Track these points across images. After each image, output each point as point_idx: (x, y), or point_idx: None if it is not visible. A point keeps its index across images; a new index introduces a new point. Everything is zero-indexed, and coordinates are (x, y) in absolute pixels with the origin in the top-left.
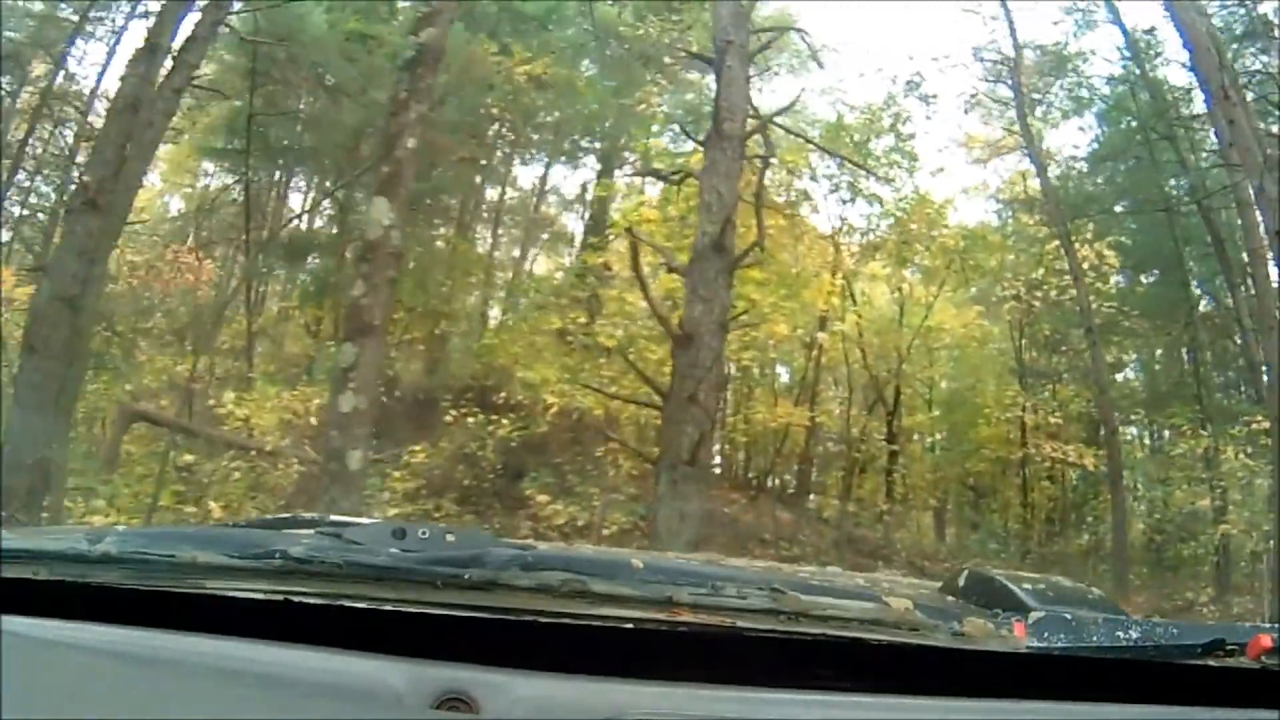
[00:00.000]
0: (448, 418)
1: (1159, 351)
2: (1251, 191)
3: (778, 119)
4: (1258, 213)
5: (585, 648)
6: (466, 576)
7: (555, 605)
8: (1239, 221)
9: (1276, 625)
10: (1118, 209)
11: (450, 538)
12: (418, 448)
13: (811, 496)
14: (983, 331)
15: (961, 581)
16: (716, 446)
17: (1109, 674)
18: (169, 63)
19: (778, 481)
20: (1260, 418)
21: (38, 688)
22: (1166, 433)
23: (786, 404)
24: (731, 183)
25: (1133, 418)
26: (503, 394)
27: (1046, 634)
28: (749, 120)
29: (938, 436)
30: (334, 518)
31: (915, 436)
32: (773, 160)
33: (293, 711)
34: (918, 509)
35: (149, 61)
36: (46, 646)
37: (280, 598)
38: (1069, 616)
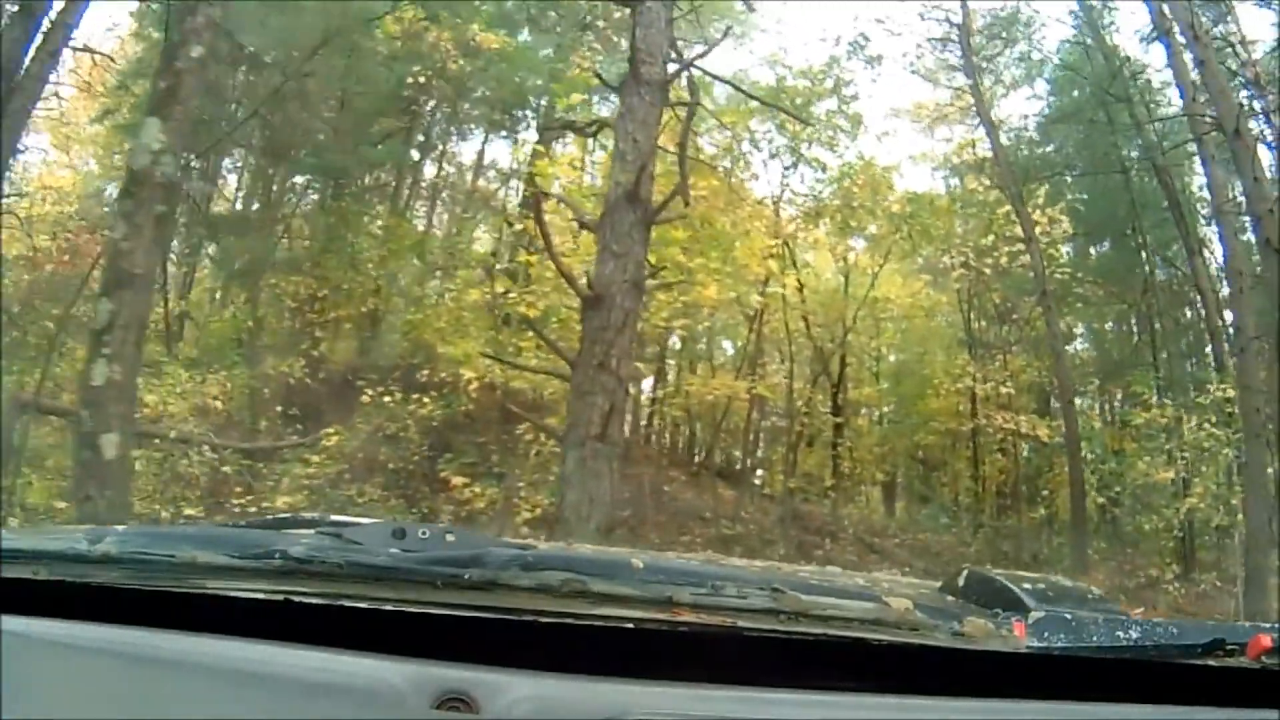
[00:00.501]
0: (365, 397)
1: (1109, 324)
2: (1226, 138)
3: (702, 63)
4: (1222, 170)
5: (585, 648)
6: (466, 576)
7: (555, 605)
8: (1204, 181)
9: (1276, 625)
10: (1070, 176)
11: (450, 538)
12: (332, 430)
13: (759, 473)
14: (931, 301)
15: (961, 581)
16: (655, 422)
17: (1109, 674)
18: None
19: (722, 458)
20: (1225, 386)
21: (38, 688)
22: (1122, 403)
23: (726, 376)
24: (649, 130)
25: (1086, 388)
26: (426, 371)
27: (1046, 634)
28: (671, 65)
29: (885, 410)
30: (334, 518)
31: (863, 411)
32: (700, 106)
33: (293, 711)
34: (866, 484)
35: (24, 24)
36: (46, 646)
37: (280, 598)
38: (1069, 616)
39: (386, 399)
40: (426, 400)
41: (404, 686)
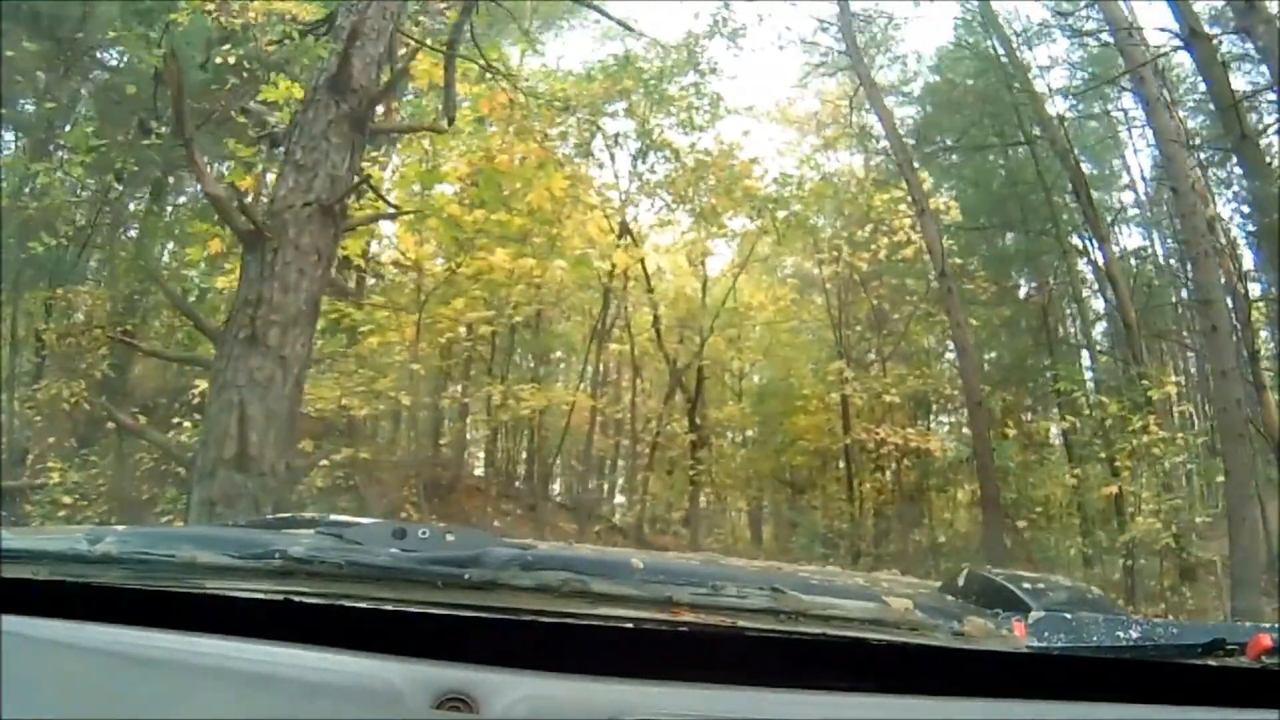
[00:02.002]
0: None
1: (1000, 324)
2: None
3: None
4: (1169, 114)
5: (586, 648)
6: (466, 576)
7: (555, 605)
8: (1130, 144)
9: (1277, 625)
10: (958, 156)
11: (450, 538)
12: (56, 464)
13: (619, 500)
14: (798, 307)
15: (961, 581)
16: (482, 452)
17: (1109, 674)
18: None
19: (561, 486)
20: (1165, 381)
21: (38, 688)
22: (1033, 408)
23: (559, 390)
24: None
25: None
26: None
27: (1046, 634)
28: None
29: (750, 433)
30: (334, 518)
31: (729, 435)
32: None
33: (293, 711)
34: (731, 509)
35: None
36: (46, 646)
37: (280, 598)
38: (1069, 616)
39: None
40: (189, 425)
41: (404, 686)
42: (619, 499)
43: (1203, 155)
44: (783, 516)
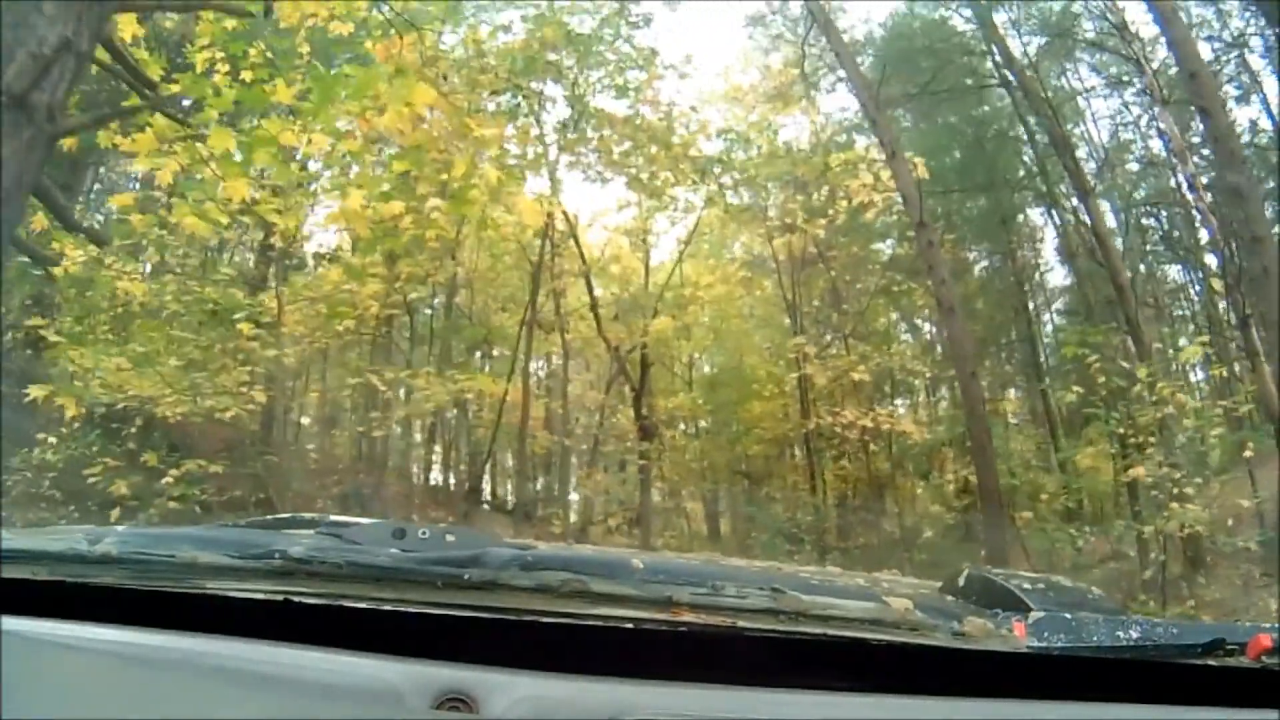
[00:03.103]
0: None
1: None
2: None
3: None
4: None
5: (585, 648)
6: (466, 576)
7: (555, 605)
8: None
9: (1277, 625)
10: (928, 98)
11: (450, 538)
12: None
13: (572, 498)
14: (749, 287)
15: (961, 581)
16: (416, 452)
17: (1109, 674)
18: None
19: (501, 488)
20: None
21: (38, 688)
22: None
23: (484, 378)
24: None
25: (947, 374)
26: None
27: (1046, 634)
28: None
29: (703, 423)
30: (334, 518)
31: (680, 426)
32: None
33: (293, 711)
34: (687, 503)
35: None
36: (46, 646)
37: (280, 598)
38: (1069, 616)
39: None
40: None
41: (404, 686)
42: (572, 496)
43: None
44: (741, 511)
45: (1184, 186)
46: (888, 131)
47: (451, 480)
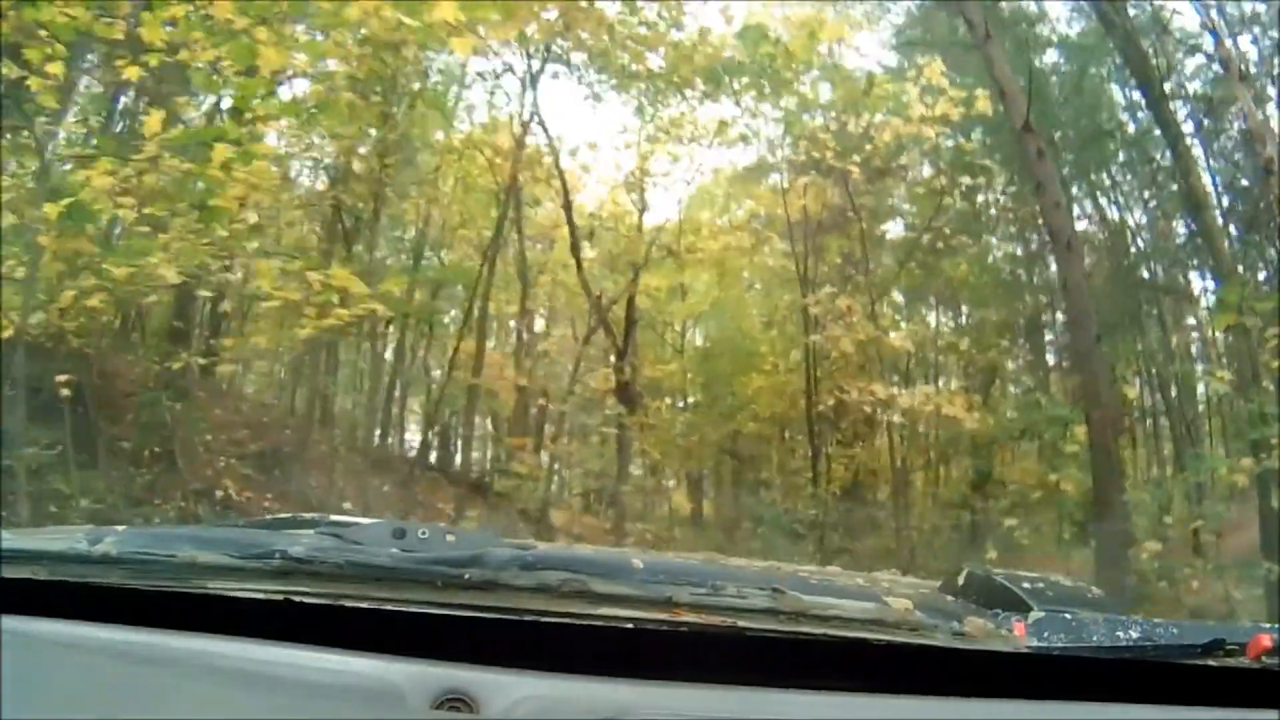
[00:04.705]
0: None
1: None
2: None
3: None
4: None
5: (586, 648)
6: (466, 576)
7: (555, 605)
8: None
9: (1277, 625)
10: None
11: (450, 538)
12: None
13: (543, 466)
14: (756, 241)
15: (961, 581)
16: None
17: (1109, 674)
18: None
19: (459, 459)
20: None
21: (38, 688)
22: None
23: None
24: None
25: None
26: None
27: (1046, 634)
28: None
29: (692, 399)
30: (334, 518)
31: (667, 398)
32: None
33: (293, 711)
34: (671, 479)
35: None
36: (46, 646)
37: (280, 598)
38: (1069, 616)
39: None
40: None
41: (404, 686)
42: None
43: None
44: (728, 495)
45: None
46: (977, 10)
47: (404, 443)
